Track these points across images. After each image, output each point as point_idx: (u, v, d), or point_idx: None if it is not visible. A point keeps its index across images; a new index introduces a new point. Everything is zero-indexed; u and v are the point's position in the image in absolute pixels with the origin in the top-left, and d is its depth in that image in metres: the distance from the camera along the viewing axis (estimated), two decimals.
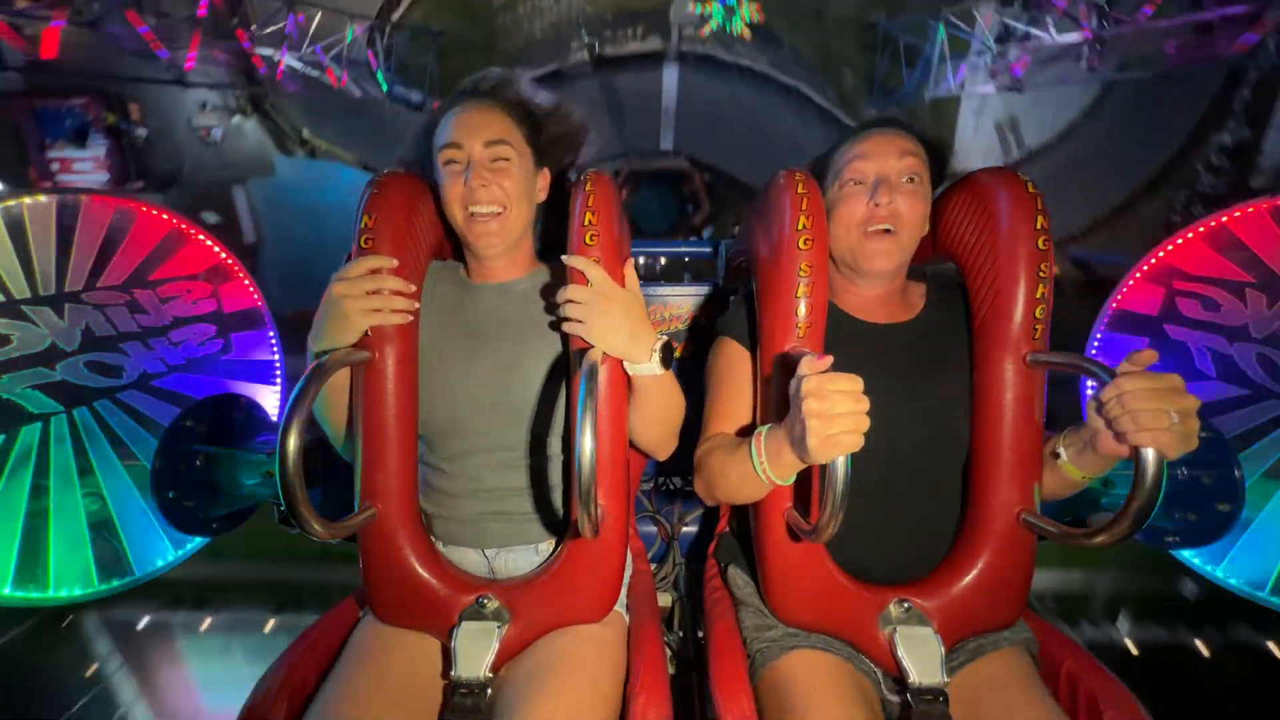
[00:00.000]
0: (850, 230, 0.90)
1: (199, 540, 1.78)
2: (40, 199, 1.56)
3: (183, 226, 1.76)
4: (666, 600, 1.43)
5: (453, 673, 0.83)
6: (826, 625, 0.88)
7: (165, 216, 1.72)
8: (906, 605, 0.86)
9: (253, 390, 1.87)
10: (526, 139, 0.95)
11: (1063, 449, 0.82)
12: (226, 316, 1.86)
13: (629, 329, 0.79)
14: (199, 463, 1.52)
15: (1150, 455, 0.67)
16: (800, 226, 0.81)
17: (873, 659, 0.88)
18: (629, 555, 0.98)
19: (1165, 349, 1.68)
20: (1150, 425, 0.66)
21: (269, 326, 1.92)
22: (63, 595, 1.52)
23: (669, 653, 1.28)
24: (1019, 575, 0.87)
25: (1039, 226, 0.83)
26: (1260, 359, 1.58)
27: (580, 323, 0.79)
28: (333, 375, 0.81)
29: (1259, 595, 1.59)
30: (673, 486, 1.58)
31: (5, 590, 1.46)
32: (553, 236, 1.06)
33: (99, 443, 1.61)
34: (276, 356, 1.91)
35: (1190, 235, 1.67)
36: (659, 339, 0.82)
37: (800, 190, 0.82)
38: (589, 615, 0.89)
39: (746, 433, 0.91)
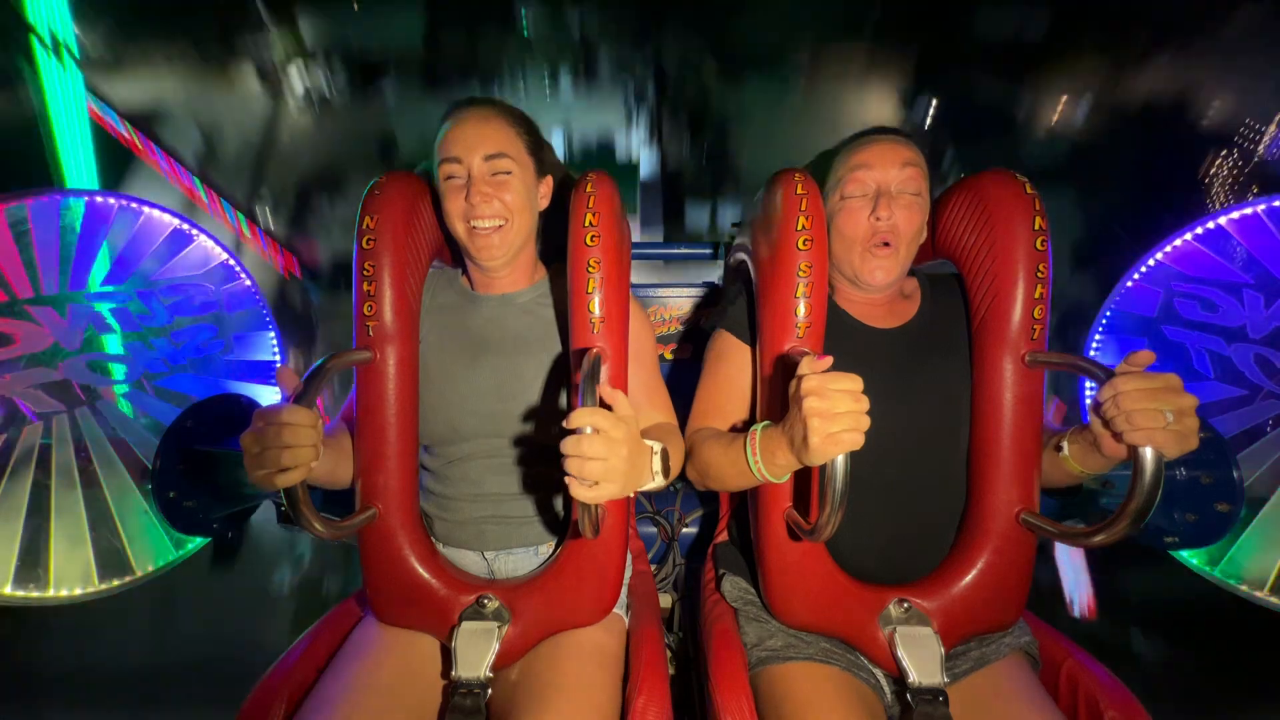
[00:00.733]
0: (851, 246, 0.90)
1: (199, 540, 1.78)
2: (43, 198, 1.57)
3: (185, 226, 1.77)
4: (666, 601, 1.43)
5: (453, 673, 0.83)
6: (826, 625, 0.88)
7: (168, 217, 1.73)
8: (906, 605, 0.86)
9: (254, 390, 1.88)
10: (527, 149, 0.93)
11: (1067, 444, 0.82)
12: (228, 316, 1.87)
13: (632, 464, 0.66)
14: (199, 463, 1.52)
15: (1148, 454, 0.67)
16: (800, 226, 0.81)
17: (872, 659, 0.88)
18: (629, 555, 0.98)
19: (1164, 350, 1.68)
20: (1145, 424, 0.66)
21: (270, 326, 1.93)
22: (63, 595, 1.52)
23: (669, 653, 1.28)
24: (1019, 575, 0.87)
25: (1037, 227, 0.84)
26: (1258, 359, 1.59)
27: (587, 481, 0.63)
28: (333, 375, 0.82)
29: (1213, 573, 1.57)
30: (673, 487, 1.58)
31: (5, 589, 1.47)
32: (557, 239, 1.06)
33: (100, 442, 1.61)
34: (277, 356, 1.92)
35: (1188, 236, 1.68)
36: (654, 452, 0.73)
37: (800, 190, 0.83)
38: (589, 615, 0.89)
39: (736, 424, 0.91)
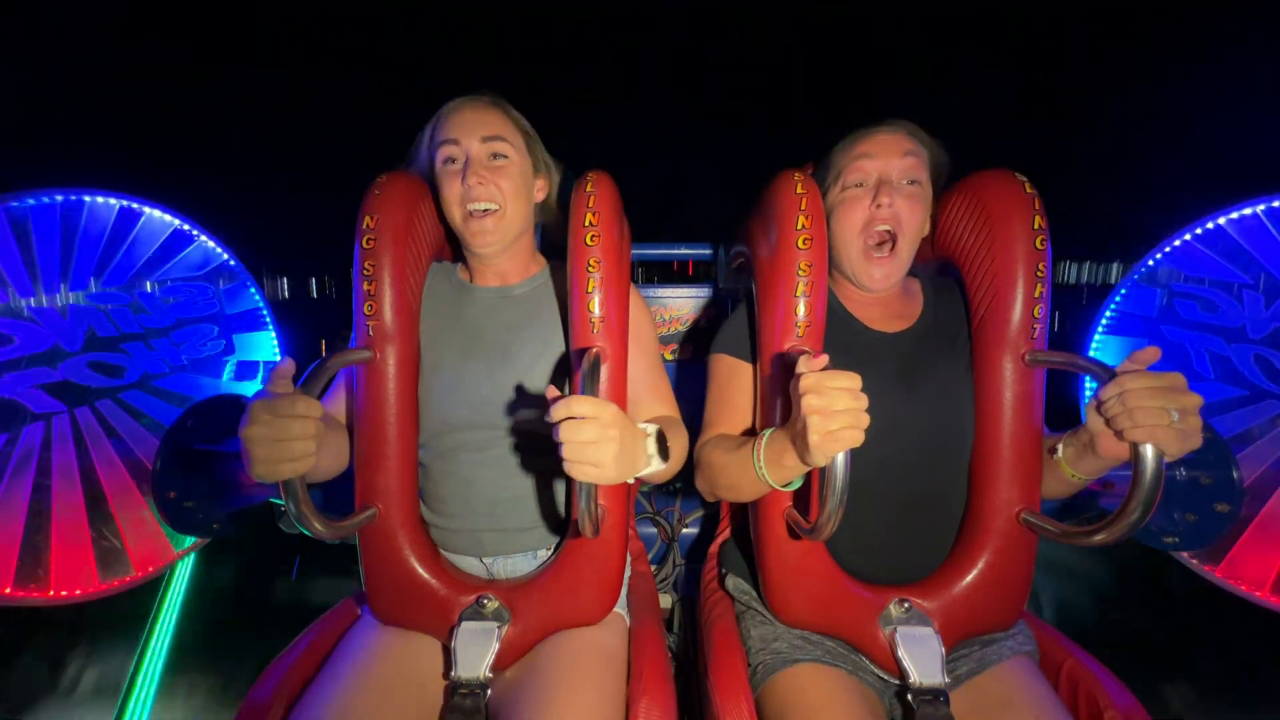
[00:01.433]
0: (852, 239, 0.90)
1: (199, 540, 1.78)
2: (45, 198, 1.57)
3: (185, 227, 1.77)
4: (666, 601, 1.43)
5: (453, 673, 0.82)
6: (826, 625, 0.88)
7: (169, 217, 1.74)
8: (907, 605, 0.86)
9: (253, 390, 1.87)
10: (524, 140, 0.95)
11: (1061, 446, 0.82)
12: (229, 317, 1.86)
13: (626, 445, 0.65)
14: (199, 463, 1.52)
15: (1150, 453, 0.67)
16: (799, 226, 0.81)
17: (873, 659, 0.87)
18: (629, 556, 0.98)
19: (1163, 350, 1.67)
20: (1148, 422, 0.66)
21: (270, 326, 1.93)
22: (63, 595, 1.52)
23: (669, 654, 1.28)
24: (1019, 575, 0.87)
25: (1036, 226, 0.84)
26: (1258, 360, 1.59)
27: (583, 464, 0.63)
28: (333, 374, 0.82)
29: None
30: (673, 487, 1.59)
31: (6, 590, 1.47)
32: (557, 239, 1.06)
33: (100, 442, 1.61)
34: (278, 357, 1.92)
35: (1187, 237, 1.68)
36: (647, 434, 0.72)
37: (799, 190, 0.83)
38: (589, 615, 0.89)
39: (747, 433, 0.91)
